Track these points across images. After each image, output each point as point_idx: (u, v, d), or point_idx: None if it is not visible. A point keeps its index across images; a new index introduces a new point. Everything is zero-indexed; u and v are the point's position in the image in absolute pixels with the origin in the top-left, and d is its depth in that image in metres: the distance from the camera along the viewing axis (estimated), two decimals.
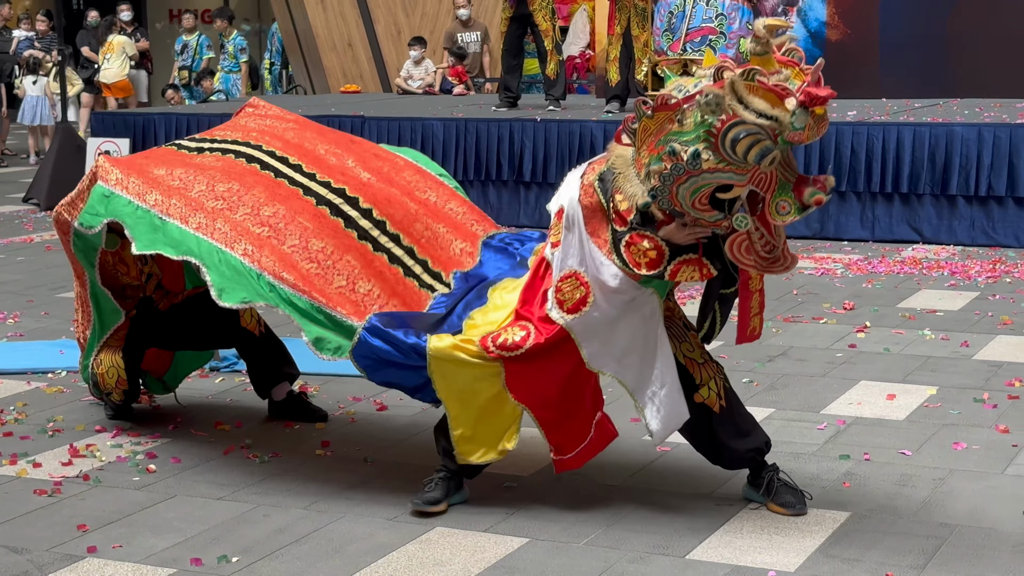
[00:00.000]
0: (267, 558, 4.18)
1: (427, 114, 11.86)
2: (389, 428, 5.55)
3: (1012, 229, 9.67)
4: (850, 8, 12.59)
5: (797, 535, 4.29)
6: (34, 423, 5.63)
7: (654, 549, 4.21)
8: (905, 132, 9.91)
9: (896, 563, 4.06)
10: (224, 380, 6.31)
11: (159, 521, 4.50)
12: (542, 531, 4.37)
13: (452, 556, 4.18)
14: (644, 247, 4.19)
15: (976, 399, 5.78)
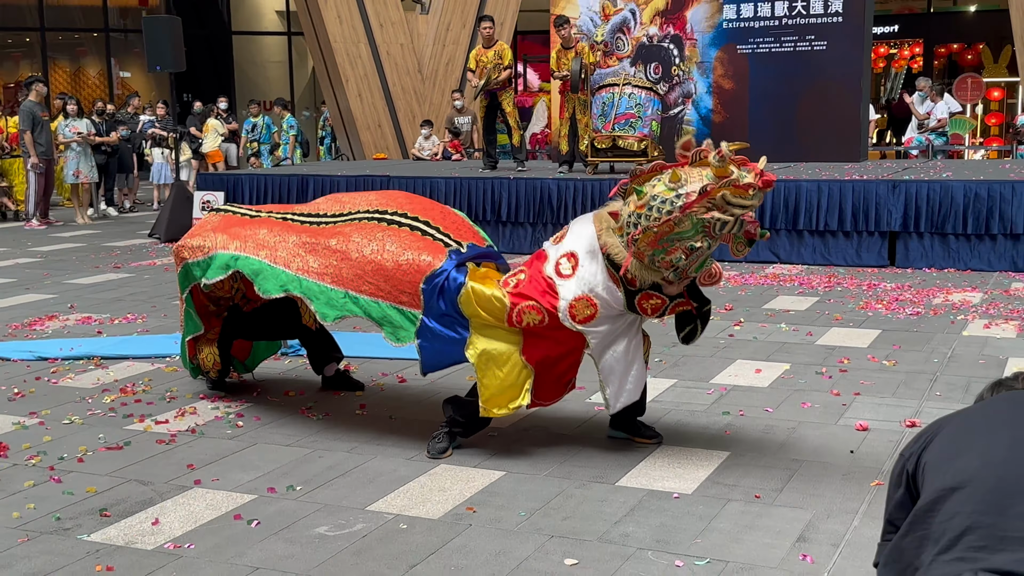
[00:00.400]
0: (321, 487, 4.16)
1: (434, 174, 11.84)
2: (407, 394, 5.54)
3: (841, 253, 9.72)
4: (728, 100, 12.63)
5: (693, 467, 4.29)
6: (156, 393, 5.60)
7: (594, 478, 4.21)
8: None
9: (763, 487, 4.07)
10: (291, 362, 6.28)
11: (245, 462, 4.48)
12: (515, 467, 4.36)
13: (452, 484, 4.16)
14: (654, 303, 4.27)
15: (817, 372, 5.81)
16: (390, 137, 17.92)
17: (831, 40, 12.01)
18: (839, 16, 11.96)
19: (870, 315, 7.35)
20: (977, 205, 9.20)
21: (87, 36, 24.94)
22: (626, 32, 13.15)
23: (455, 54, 18.12)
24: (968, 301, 7.77)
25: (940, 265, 9.34)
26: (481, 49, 11.80)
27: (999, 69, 21.84)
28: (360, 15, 17.32)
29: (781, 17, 12.25)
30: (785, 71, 12.27)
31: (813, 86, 12.15)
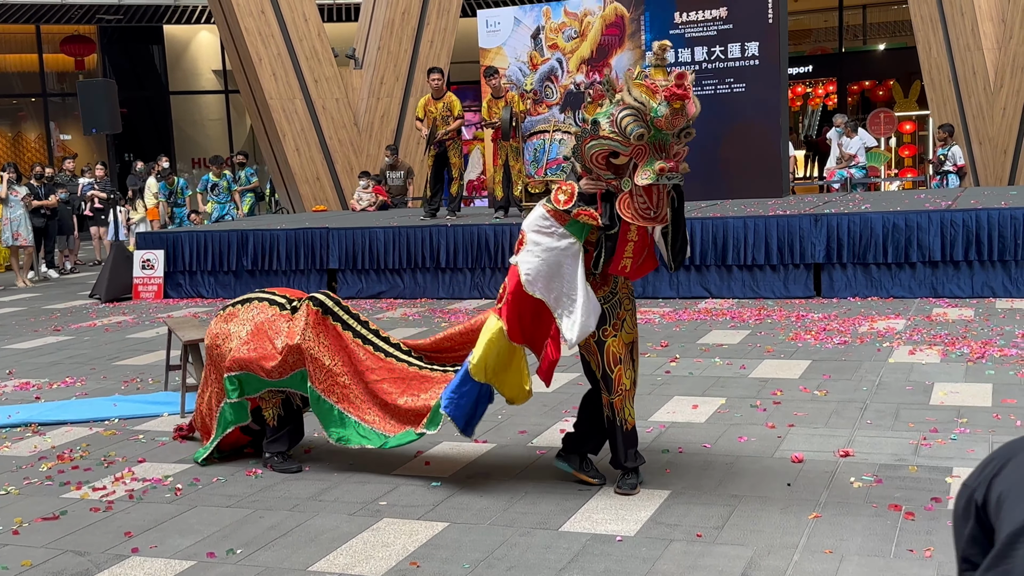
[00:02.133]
0: (262, 549, 3.99)
1: (373, 224, 11.74)
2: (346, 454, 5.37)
3: (769, 286, 9.77)
4: None
5: (635, 509, 4.21)
6: (94, 458, 5.38)
7: (537, 525, 4.10)
8: (696, 224, 9.98)
9: (704, 526, 3.99)
10: None
11: (184, 526, 4.29)
12: (458, 516, 4.24)
13: (395, 539, 4.02)
14: (564, 188, 4.22)
15: (752, 405, 5.77)
16: (329, 189, 17.79)
17: (749, 82, 12.18)
18: (756, 60, 12.14)
19: (800, 346, 7.36)
20: (896, 235, 9.33)
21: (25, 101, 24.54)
22: (554, 80, 13.22)
23: (389, 107, 18.09)
24: (892, 328, 7.82)
25: (864, 294, 9.43)
26: (430, 99, 11.75)
27: (910, 103, 22.41)
28: (295, 72, 17.23)
29: (701, 62, 12.40)
30: (707, 113, 12.18)
31: (735, 127, 12.29)
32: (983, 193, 11.67)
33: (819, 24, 24.45)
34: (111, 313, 10.99)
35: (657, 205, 4.09)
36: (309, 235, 11.57)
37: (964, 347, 6.98)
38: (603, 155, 4.07)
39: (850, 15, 23.80)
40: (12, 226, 13.92)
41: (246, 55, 17.02)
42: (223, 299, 11.76)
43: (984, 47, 15.78)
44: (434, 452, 5.16)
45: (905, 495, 4.20)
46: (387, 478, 4.79)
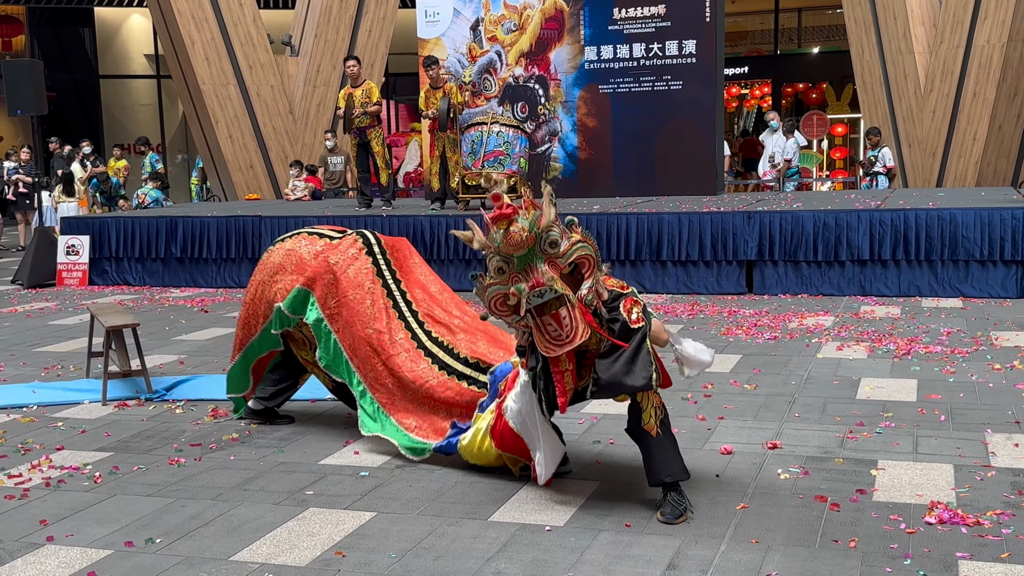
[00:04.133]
0: (183, 538, 3.89)
1: (307, 214, 11.58)
2: (274, 439, 5.28)
3: (702, 282, 9.85)
4: (592, 138, 12.77)
5: (565, 499, 4.19)
6: (10, 445, 5.21)
7: (466, 515, 4.06)
8: (631, 219, 10.03)
9: (632, 516, 3.99)
10: (155, 407, 5.94)
11: (103, 515, 4.16)
12: (386, 506, 4.18)
13: (320, 528, 3.95)
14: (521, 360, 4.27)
15: (683, 398, 5.80)
16: (262, 178, 17.54)
17: (686, 80, 12.28)
18: (693, 58, 12.24)
19: (731, 341, 7.43)
20: (826, 233, 9.47)
21: None
22: (493, 73, 13.19)
23: (326, 95, 17.89)
24: (821, 324, 7.93)
25: (794, 291, 9.56)
26: (349, 88, 11.68)
27: (842, 106, 22.82)
28: (229, 57, 16.94)
29: (639, 58, 12.46)
30: (644, 110, 12.48)
31: (671, 124, 12.39)
32: (911, 194, 11.91)
33: (755, 26, 24.78)
34: (33, 299, 10.69)
35: (566, 328, 3.82)
36: (241, 223, 11.38)
37: (890, 343, 7.10)
38: (499, 301, 3.94)
39: (785, 18, 24.15)
40: None
41: (179, 39, 16.69)
42: (150, 287, 11.53)
43: (915, 51, 16.11)
44: (363, 441, 5.09)
45: (831, 487, 4.24)
46: (314, 467, 4.72)
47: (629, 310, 3.96)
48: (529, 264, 3.85)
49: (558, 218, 3.94)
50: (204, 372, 6.85)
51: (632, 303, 3.99)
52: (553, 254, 3.87)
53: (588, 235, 4.02)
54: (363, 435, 5.06)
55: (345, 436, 5.20)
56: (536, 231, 3.83)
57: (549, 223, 3.87)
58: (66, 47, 24.97)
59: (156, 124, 25.05)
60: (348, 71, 11.79)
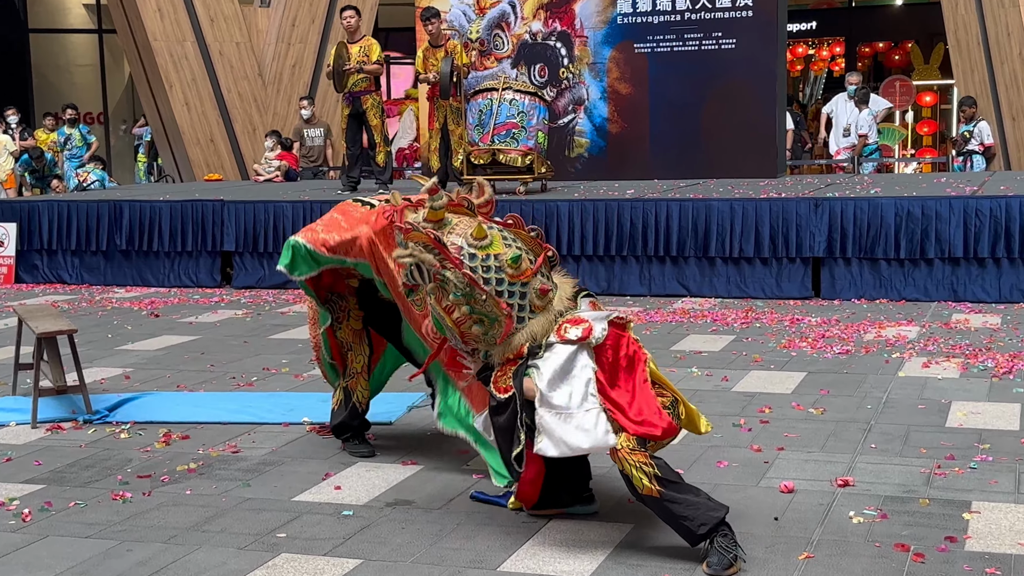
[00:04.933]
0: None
1: (279, 198, 11.64)
2: (238, 470, 5.32)
3: (759, 284, 9.87)
4: (626, 107, 12.80)
5: (591, 546, 4.21)
6: None
7: (471, 564, 4.08)
8: (673, 206, 10.05)
9: (671, 567, 4.01)
10: (96, 431, 5.99)
11: (32, 559, 4.20)
12: (374, 552, 4.21)
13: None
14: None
15: (734, 424, 5.81)
16: (225, 154, 17.62)
17: (741, 38, 12.29)
18: (748, 10, 12.25)
19: (793, 355, 7.43)
20: (911, 225, 9.46)
21: None
22: (505, 28, 13.23)
23: (303, 55, 17.95)
24: (903, 336, 7.93)
25: (871, 295, 9.56)
26: (344, 44, 11.68)
27: (931, 70, 22.74)
28: (186, 8, 17.02)
29: (683, 11, 12.49)
30: (690, 73, 12.50)
31: (722, 90, 12.40)
32: (1015, 178, 11.89)
33: None
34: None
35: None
36: (200, 209, 11.45)
37: (988, 360, 7.09)
38: None
39: None
40: None
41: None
42: (90, 285, 11.60)
43: (1021, 3, 16.05)
44: (346, 474, 5.12)
45: (914, 533, 4.25)
46: (287, 504, 4.75)
47: (496, 379, 4.32)
48: None
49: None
50: (154, 388, 6.89)
51: (509, 368, 4.26)
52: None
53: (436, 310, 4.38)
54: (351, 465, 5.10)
55: (324, 467, 5.23)
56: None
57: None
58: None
59: (97, 88, 25.17)
60: (345, 23, 11.79)
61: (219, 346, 8.25)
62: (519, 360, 4.23)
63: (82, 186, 16.03)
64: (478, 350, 4.43)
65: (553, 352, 4.13)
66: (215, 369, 7.46)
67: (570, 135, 13.09)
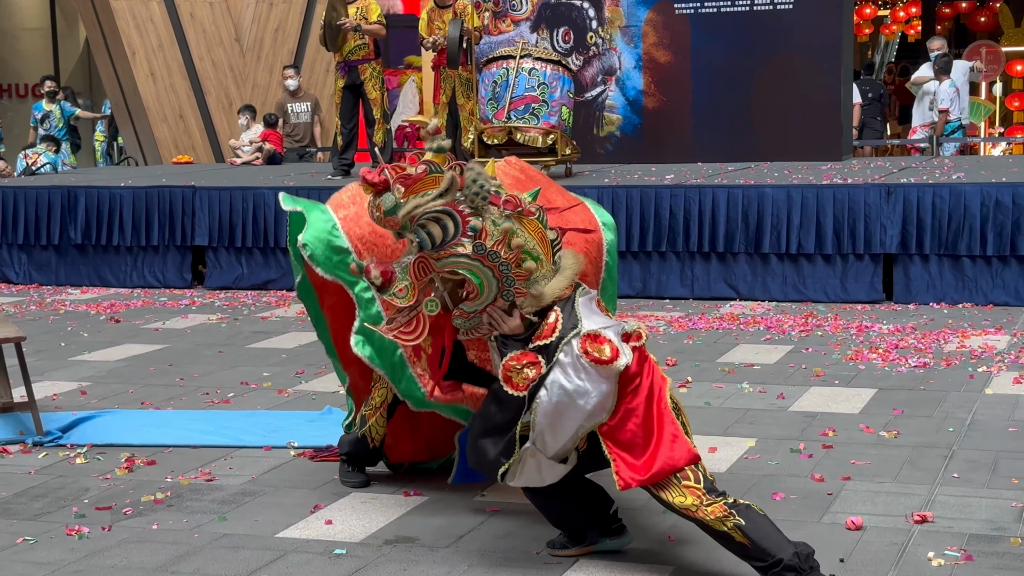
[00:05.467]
0: None
1: (259, 184, 11.67)
2: (212, 500, 5.33)
3: (821, 285, 9.85)
4: (665, 77, 12.79)
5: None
6: None
7: None
8: (720, 194, 10.04)
9: None
10: (48, 454, 6.01)
11: None
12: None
13: None
14: None
15: (792, 449, 5.81)
16: (197, 133, 17.68)
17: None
18: None
19: (862, 368, 7.42)
20: (999, 217, 9.44)
21: None
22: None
23: (287, 17, 18.00)
24: (991, 347, 7.91)
25: (952, 299, 9.54)
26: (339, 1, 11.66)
27: (1021, 35, 22.66)
28: None
29: None
30: (740, 39, 12.48)
31: (777, 59, 12.38)
32: None
33: None
34: None
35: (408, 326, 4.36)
36: (167, 197, 11.49)
37: None
38: None
39: None
40: None
41: None
42: (39, 285, 11.65)
43: None
44: (338, 505, 5.13)
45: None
46: (270, 541, 4.76)
47: (508, 367, 4.21)
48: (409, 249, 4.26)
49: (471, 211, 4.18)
50: (115, 406, 6.91)
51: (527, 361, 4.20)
52: (425, 252, 4.19)
53: (499, 259, 4.21)
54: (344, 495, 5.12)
55: (313, 498, 5.24)
56: (398, 216, 4.15)
57: (424, 212, 4.12)
58: None
59: (48, 56, 25.29)
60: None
61: (190, 356, 8.27)
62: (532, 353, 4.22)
63: (31, 169, 16.10)
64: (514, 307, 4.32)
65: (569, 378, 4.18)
66: (185, 383, 7.47)
67: (599, 111, 13.08)
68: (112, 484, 5.55)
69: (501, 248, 4.16)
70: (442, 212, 4.09)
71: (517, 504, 4.82)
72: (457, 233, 4.13)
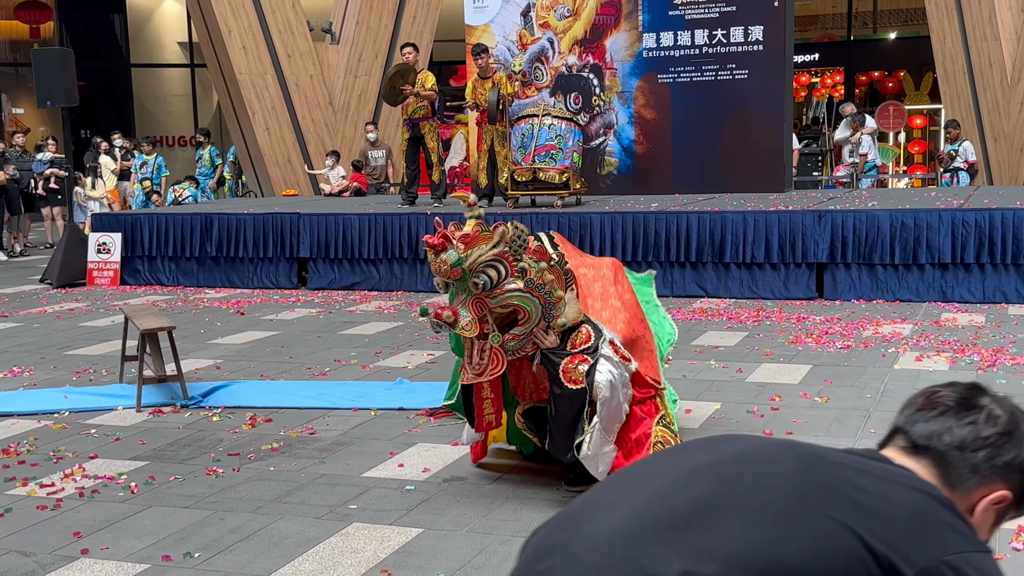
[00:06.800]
0: (222, 553, 3.96)
1: (348, 211, 11.69)
2: (315, 449, 5.35)
3: (769, 286, 9.80)
4: (651, 130, 12.74)
5: None
6: (42, 453, 5.34)
7: (518, 533, 4.08)
8: (692, 218, 10.00)
9: None
10: (191, 414, 6.05)
11: (138, 527, 4.25)
12: (433, 522, 4.22)
13: (365, 545, 4.01)
14: None
15: (748, 411, 5.78)
16: (300, 173, 17.72)
17: (752, 69, 12.21)
18: (760, 45, 12.17)
19: (800, 349, 7.38)
20: (904, 234, 9.36)
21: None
22: (544, 62, 13.22)
23: (368, 86, 18.02)
24: (898, 333, 7.86)
25: (869, 296, 9.46)
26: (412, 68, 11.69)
27: (921, 96, 22.49)
28: (266, 45, 17.14)
29: (702, 46, 12.42)
30: (707, 100, 12.43)
31: (736, 115, 12.32)
32: (997, 192, 11.74)
33: (827, 10, 24.53)
34: (63, 299, 10.92)
35: (475, 361, 4.21)
36: (279, 221, 11.52)
37: (974, 354, 7.01)
38: None
39: (860, 1, 23.88)
40: None
41: (214, 26, 16.93)
42: (184, 287, 11.72)
43: (1002, 37, 15.84)
44: (407, 453, 5.14)
45: None
46: (357, 480, 4.78)
47: (570, 369, 4.23)
48: (464, 292, 4.12)
49: (514, 257, 4.14)
50: (241, 377, 6.95)
51: (579, 361, 4.24)
52: (478, 292, 4.10)
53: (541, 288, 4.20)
54: (412, 445, 5.12)
55: (389, 447, 5.26)
56: (464, 267, 4.06)
57: (482, 261, 4.07)
58: (96, 34, 25.38)
59: (189, 116, 25.39)
60: (405, 58, 11.82)
61: (296, 340, 8.32)
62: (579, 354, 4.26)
63: (177, 201, 16.18)
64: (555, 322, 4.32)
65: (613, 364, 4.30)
66: (293, 360, 7.52)
67: (601, 155, 13.05)
68: (239, 436, 5.58)
69: (541, 282, 4.18)
70: (495, 260, 4.08)
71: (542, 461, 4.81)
72: (507, 275, 4.12)
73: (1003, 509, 1.76)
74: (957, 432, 1.75)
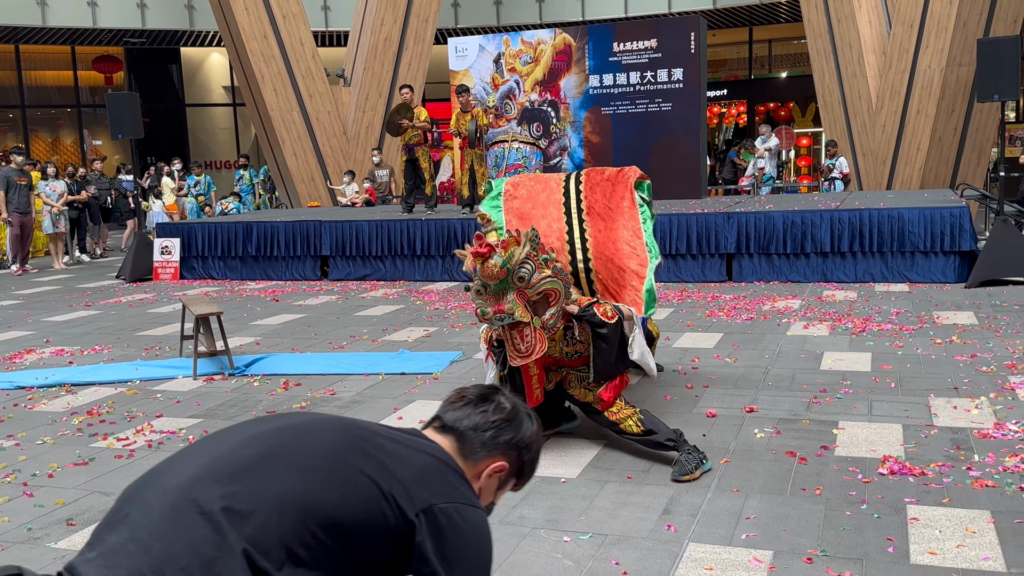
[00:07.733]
0: None
1: (359, 218, 11.62)
2: (334, 407, 5.32)
3: (690, 272, 9.82)
4: (596, 152, 12.72)
5: (576, 455, 4.21)
6: (118, 414, 5.28)
7: None
8: None
9: (633, 469, 4.00)
10: (237, 381, 6.00)
11: None
12: None
13: None
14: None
15: (673, 370, 5.80)
16: (322, 188, 17.60)
17: (675, 102, 12.21)
18: (680, 83, 12.17)
19: (714, 321, 7.41)
20: (794, 230, 9.41)
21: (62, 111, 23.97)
22: (512, 98, 13.16)
23: (373, 119, 17.91)
24: (790, 307, 7.90)
25: (767, 279, 9.51)
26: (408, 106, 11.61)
27: (806, 122, 22.62)
28: (292, 88, 16.99)
29: (635, 85, 12.41)
30: (640, 128, 12.43)
31: (662, 139, 12.33)
32: (865, 196, 11.81)
33: (733, 55, 24.59)
34: (134, 291, 10.80)
35: (527, 344, 3.94)
36: (305, 227, 11.43)
37: (848, 323, 7.06)
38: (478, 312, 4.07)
39: (758, 48, 23.95)
40: (49, 218, 13.67)
41: (251, 73, 16.76)
42: (231, 280, 11.62)
43: (868, 75, 15.94)
44: (407, 409, 5.11)
45: (799, 444, 4.24)
46: None
47: (604, 312, 4.13)
48: (502, 290, 3.95)
49: (535, 254, 4.01)
50: (276, 351, 6.91)
51: (604, 306, 4.16)
52: (522, 285, 3.96)
53: (559, 272, 4.09)
54: (411, 402, 5.10)
55: (393, 404, 5.24)
56: (509, 267, 3.92)
57: (520, 260, 3.94)
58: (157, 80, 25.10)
59: (232, 144, 25.17)
60: (403, 97, 11.73)
61: (320, 321, 8.27)
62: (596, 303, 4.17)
63: (224, 212, 16.00)
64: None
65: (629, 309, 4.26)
66: (317, 337, 7.48)
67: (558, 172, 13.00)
68: (275, 397, 5.54)
69: (557, 266, 4.11)
70: (526, 258, 3.97)
71: None
72: (535, 268, 3.97)
73: (503, 477, 1.88)
74: (474, 418, 1.87)
